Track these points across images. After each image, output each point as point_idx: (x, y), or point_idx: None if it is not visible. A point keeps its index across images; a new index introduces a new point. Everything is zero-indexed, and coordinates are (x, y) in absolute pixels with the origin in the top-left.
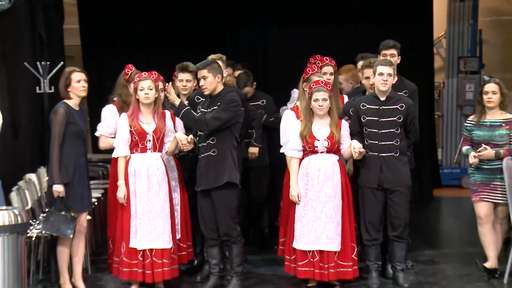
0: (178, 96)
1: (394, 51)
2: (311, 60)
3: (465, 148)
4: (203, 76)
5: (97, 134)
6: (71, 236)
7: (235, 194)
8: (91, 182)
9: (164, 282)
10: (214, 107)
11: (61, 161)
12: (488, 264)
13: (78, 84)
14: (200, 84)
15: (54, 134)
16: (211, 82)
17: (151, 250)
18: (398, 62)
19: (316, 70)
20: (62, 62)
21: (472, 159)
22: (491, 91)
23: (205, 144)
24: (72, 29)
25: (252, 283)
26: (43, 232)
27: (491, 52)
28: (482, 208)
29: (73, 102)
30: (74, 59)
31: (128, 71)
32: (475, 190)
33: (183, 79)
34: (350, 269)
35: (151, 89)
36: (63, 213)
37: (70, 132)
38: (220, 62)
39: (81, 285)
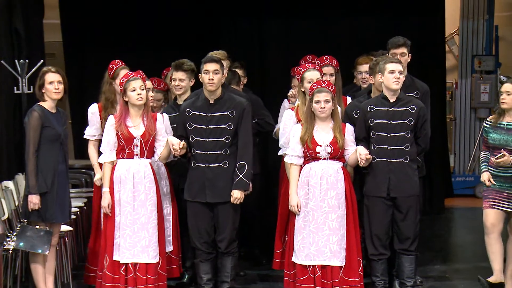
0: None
1: (404, 50)
2: (302, 62)
3: (481, 165)
4: (215, 70)
5: (85, 136)
6: (47, 252)
7: (240, 205)
8: (73, 190)
9: None
10: (218, 113)
11: (38, 169)
12: (492, 279)
13: (50, 85)
14: (208, 77)
15: (29, 140)
16: (219, 79)
17: (135, 264)
18: (409, 60)
19: (310, 66)
20: (42, 60)
21: (485, 179)
22: (506, 91)
23: (214, 153)
24: (53, 24)
25: None
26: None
27: (508, 50)
28: (490, 216)
29: (49, 105)
30: (55, 57)
31: (112, 66)
32: (486, 196)
33: (176, 78)
34: (357, 285)
35: (142, 89)
36: (37, 227)
37: (46, 136)
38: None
39: None
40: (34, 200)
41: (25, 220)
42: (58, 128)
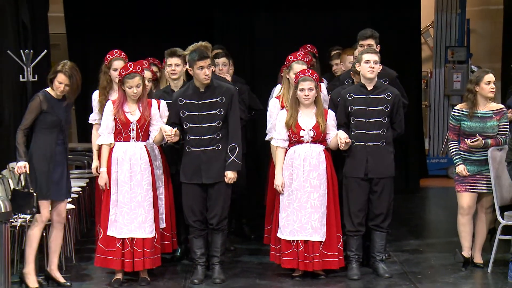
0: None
1: (371, 41)
2: (301, 49)
3: (454, 158)
4: (209, 64)
5: (89, 121)
6: (31, 214)
7: (235, 185)
8: (76, 171)
9: (148, 271)
10: (209, 100)
11: (35, 149)
12: (464, 254)
13: (59, 84)
14: (204, 73)
15: (24, 118)
16: (211, 71)
17: (131, 239)
18: (377, 51)
19: (299, 57)
20: (45, 50)
21: (463, 171)
22: (493, 81)
23: (208, 137)
24: (57, 17)
25: (237, 272)
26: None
27: (479, 42)
28: (466, 199)
29: (55, 92)
30: (60, 47)
31: (109, 56)
32: (461, 180)
33: (172, 63)
34: (336, 259)
35: (138, 87)
36: (25, 190)
37: (45, 121)
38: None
39: (57, 275)
40: (20, 164)
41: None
42: (60, 114)
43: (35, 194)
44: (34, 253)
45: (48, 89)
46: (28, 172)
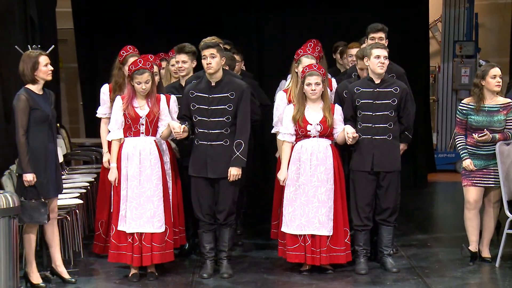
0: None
1: (382, 34)
2: (308, 44)
3: (461, 153)
4: (212, 54)
5: (97, 115)
6: (47, 222)
7: (241, 180)
8: (84, 166)
9: (158, 265)
10: (219, 95)
11: (30, 149)
12: (471, 248)
13: (45, 67)
14: (206, 62)
15: (18, 123)
16: (218, 62)
17: (140, 234)
18: (386, 45)
19: (309, 52)
20: (53, 46)
21: (469, 166)
22: (499, 75)
23: (216, 132)
24: (65, 12)
25: (244, 266)
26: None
27: (487, 36)
28: (473, 193)
29: (37, 87)
30: (67, 43)
31: (123, 52)
32: (468, 175)
33: (179, 60)
34: (343, 253)
35: (147, 83)
36: (33, 200)
37: (34, 118)
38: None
39: (63, 270)
40: (30, 178)
41: (22, 197)
42: (46, 109)
43: (47, 202)
44: (33, 252)
45: (28, 86)
46: (36, 183)
